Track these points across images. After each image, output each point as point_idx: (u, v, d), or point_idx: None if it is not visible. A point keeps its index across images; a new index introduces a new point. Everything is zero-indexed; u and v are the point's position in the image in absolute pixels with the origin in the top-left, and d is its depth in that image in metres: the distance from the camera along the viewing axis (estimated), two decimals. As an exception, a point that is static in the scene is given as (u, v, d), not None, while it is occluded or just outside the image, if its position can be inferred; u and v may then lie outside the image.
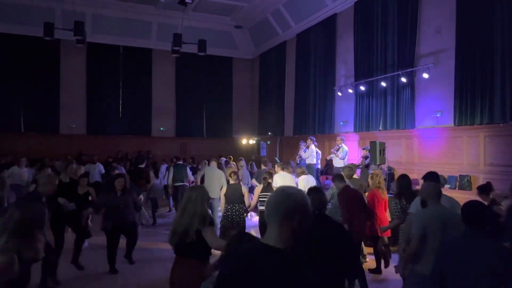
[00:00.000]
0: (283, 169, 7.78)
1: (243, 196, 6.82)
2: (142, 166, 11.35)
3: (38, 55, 16.14)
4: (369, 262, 6.61)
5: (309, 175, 8.21)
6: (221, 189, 7.61)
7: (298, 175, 7.96)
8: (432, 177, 4.68)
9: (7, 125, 15.78)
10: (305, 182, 7.43)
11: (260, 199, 7.00)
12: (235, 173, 7.38)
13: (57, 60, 16.82)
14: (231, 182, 7.10)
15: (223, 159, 12.78)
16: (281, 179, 7.39)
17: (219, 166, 9.69)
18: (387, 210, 6.33)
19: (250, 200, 7.35)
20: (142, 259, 6.86)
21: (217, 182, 8.36)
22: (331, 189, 6.54)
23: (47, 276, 5.39)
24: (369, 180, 6.44)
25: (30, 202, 4.10)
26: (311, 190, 3.53)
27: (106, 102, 17.50)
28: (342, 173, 6.83)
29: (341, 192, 5.84)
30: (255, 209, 7.59)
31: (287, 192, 1.71)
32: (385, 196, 6.39)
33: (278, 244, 1.61)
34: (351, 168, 7.22)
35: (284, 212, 1.64)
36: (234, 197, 6.73)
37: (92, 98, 17.36)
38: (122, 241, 6.47)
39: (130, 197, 6.48)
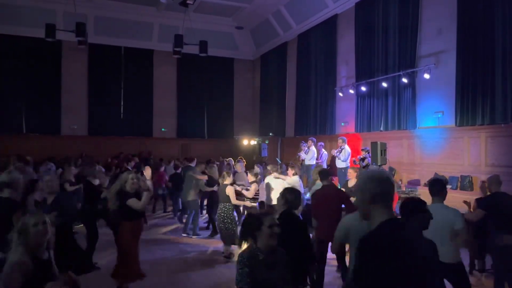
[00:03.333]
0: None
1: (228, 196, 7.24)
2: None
3: (39, 56, 16.17)
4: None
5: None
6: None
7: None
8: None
9: (8, 126, 15.80)
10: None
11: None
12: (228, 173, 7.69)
13: (59, 61, 16.85)
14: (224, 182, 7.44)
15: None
16: None
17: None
18: None
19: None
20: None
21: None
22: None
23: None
24: None
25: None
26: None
27: (108, 103, 17.52)
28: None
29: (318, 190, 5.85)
30: None
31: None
32: None
33: None
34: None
35: None
36: (221, 197, 7.31)
37: (94, 99, 17.39)
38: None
39: None
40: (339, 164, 11.13)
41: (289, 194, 4.03)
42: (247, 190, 8.20)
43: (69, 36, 11.92)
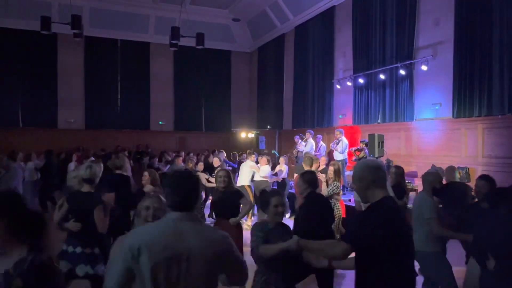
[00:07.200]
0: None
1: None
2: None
3: (35, 50, 16.03)
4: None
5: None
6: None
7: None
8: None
9: (5, 120, 15.70)
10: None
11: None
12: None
13: (55, 54, 16.73)
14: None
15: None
16: None
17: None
18: None
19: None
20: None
21: None
22: None
23: None
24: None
25: None
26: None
27: (104, 96, 17.44)
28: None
29: None
30: None
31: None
32: None
33: None
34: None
35: None
36: None
37: (90, 92, 17.30)
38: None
39: None
40: (337, 156, 11.13)
41: (308, 175, 4.22)
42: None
43: (65, 29, 11.80)
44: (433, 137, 9.83)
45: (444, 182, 5.38)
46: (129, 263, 1.85)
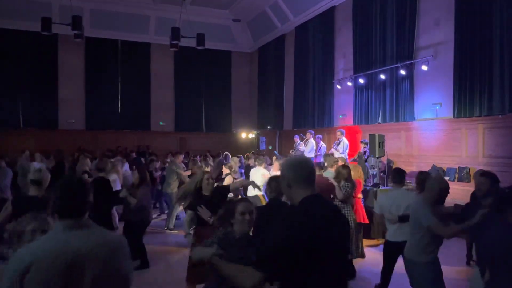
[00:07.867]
0: None
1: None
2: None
3: (36, 50, 16.08)
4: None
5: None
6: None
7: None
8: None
9: (6, 121, 15.75)
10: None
11: None
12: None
13: (55, 55, 16.77)
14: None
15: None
16: None
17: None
18: None
19: None
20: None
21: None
22: None
23: None
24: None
25: None
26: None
27: (105, 97, 17.47)
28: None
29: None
30: None
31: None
32: None
33: None
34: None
35: None
36: None
37: (91, 93, 17.33)
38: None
39: None
40: (338, 156, 11.13)
41: (274, 181, 3.83)
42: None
43: (65, 30, 11.82)
44: (433, 137, 9.83)
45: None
46: (17, 280, 1.76)
